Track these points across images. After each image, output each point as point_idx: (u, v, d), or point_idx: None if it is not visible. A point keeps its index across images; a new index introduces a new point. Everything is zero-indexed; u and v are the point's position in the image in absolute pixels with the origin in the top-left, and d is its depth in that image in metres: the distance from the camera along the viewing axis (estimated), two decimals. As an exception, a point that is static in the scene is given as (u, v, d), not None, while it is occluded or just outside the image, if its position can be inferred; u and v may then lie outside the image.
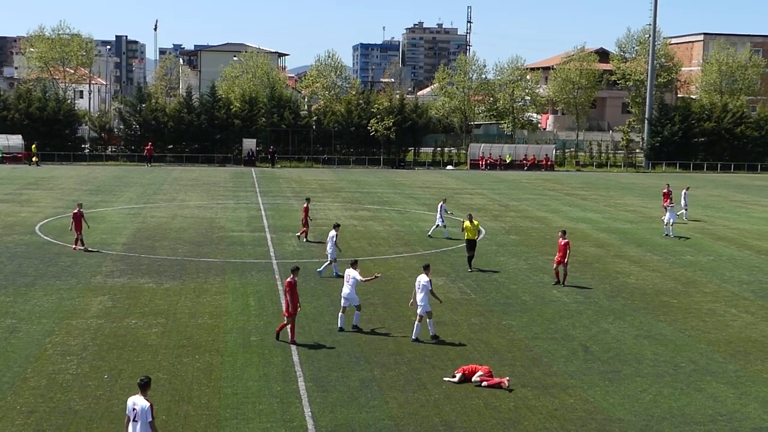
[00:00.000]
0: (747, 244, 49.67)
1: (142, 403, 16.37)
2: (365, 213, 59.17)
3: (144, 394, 16.52)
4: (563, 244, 35.90)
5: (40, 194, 66.26)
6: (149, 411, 16.31)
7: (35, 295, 32.18)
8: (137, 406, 16.39)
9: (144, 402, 16.38)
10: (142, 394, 16.53)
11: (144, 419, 16.31)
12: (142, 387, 16.62)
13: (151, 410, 16.33)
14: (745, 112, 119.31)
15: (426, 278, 27.42)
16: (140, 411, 16.33)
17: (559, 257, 36.16)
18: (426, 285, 27.22)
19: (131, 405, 16.49)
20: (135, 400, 16.49)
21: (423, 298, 27.22)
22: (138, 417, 16.35)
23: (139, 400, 16.44)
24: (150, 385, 16.82)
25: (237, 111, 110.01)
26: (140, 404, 16.37)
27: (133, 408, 16.43)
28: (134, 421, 16.40)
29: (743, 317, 31.80)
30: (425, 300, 27.20)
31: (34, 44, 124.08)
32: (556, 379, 23.89)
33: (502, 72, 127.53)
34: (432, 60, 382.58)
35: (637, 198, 74.98)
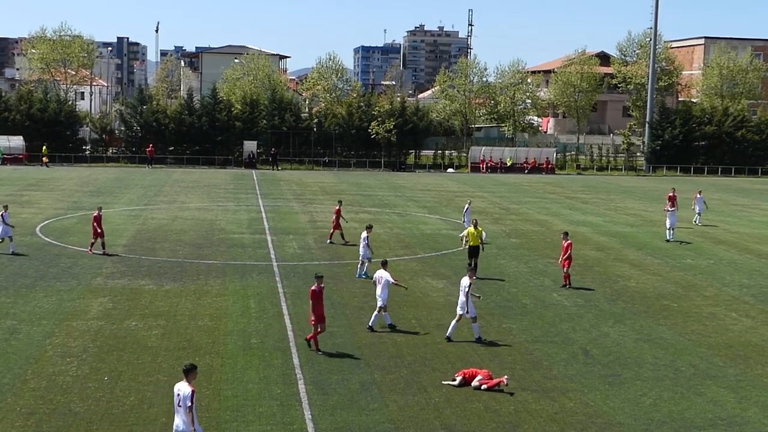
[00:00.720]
0: (747, 247, 49.67)
1: (185, 390, 16.94)
2: (366, 216, 59.16)
3: (188, 380, 17.08)
4: (566, 245, 36.19)
5: (41, 195, 66.28)
6: (189, 396, 16.83)
7: (36, 296, 32.19)
8: (181, 392, 17.01)
9: (187, 388, 16.93)
10: (186, 380, 17.11)
11: (185, 404, 16.90)
12: (186, 373, 17.18)
13: (191, 396, 16.84)
14: (745, 116, 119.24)
15: (468, 281, 27.67)
16: (183, 397, 16.93)
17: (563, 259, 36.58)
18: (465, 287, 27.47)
19: (176, 391, 17.14)
20: (179, 387, 17.11)
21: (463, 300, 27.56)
22: (181, 402, 16.98)
23: (183, 387, 17.04)
24: (194, 371, 17.31)
25: (238, 113, 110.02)
26: (184, 390, 16.96)
27: (178, 394, 17.07)
28: (179, 406, 17.04)
29: (743, 321, 31.81)
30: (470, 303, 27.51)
31: (36, 45, 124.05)
32: (556, 383, 23.89)
33: (503, 75, 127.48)
34: (433, 63, 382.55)
35: (638, 201, 74.99)
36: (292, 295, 33.47)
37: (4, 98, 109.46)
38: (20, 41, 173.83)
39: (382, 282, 28.85)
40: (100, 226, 41.29)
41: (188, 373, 17.19)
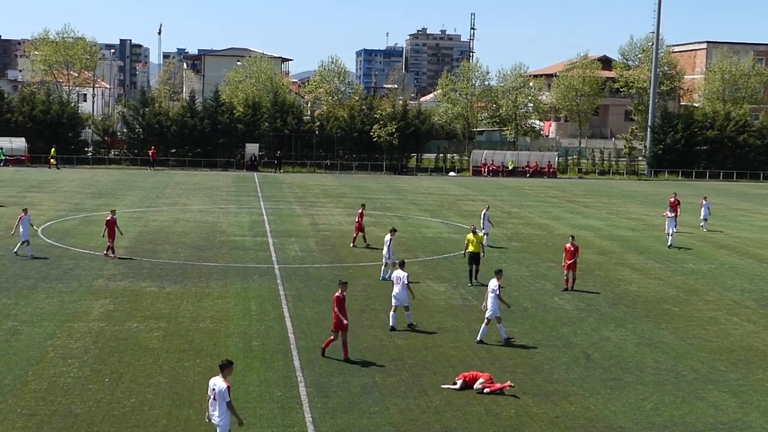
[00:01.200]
0: (749, 252, 49.65)
1: (220, 385, 17.35)
2: (367, 219, 58.90)
3: (223, 376, 17.51)
4: (573, 249, 36.56)
5: (43, 197, 66.31)
6: (226, 392, 17.30)
7: (37, 297, 32.20)
8: (216, 386, 17.40)
9: (222, 383, 17.36)
10: (222, 375, 17.53)
11: (221, 399, 17.33)
12: (222, 368, 17.64)
13: (227, 391, 17.33)
14: (747, 121, 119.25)
15: (496, 283, 27.95)
16: (218, 392, 17.36)
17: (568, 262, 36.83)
18: (495, 290, 27.76)
19: (212, 385, 17.55)
20: (215, 381, 17.53)
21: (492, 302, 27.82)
22: (216, 397, 17.37)
23: (218, 381, 17.45)
24: (230, 367, 17.84)
25: (240, 116, 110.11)
26: (219, 385, 17.36)
27: (213, 388, 17.47)
28: (213, 400, 17.45)
29: (745, 326, 31.78)
30: (495, 305, 27.79)
31: (39, 47, 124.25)
32: (558, 387, 23.88)
33: (505, 79, 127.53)
34: (435, 66, 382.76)
35: (640, 206, 74.96)
36: (293, 298, 33.46)
37: (6, 100, 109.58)
38: (23, 43, 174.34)
39: (401, 282, 29.27)
40: (112, 229, 41.13)
41: (224, 368, 17.68)
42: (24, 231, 40.60)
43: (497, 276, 28.39)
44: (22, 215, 41.25)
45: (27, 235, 40.74)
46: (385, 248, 37.93)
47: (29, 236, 40.96)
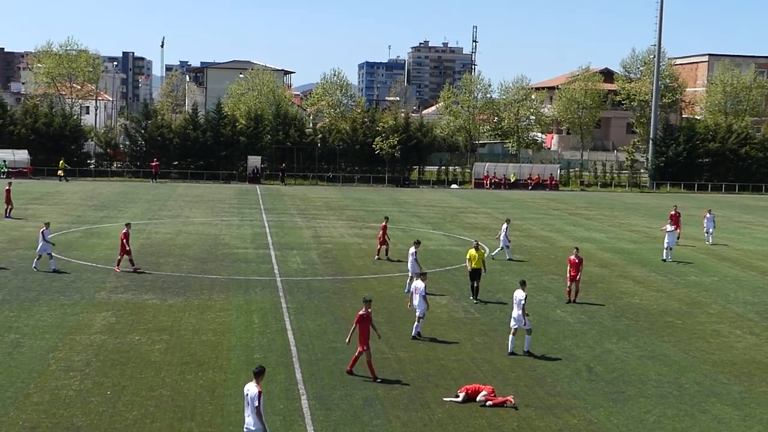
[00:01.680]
0: (751, 264, 49.61)
1: (253, 391, 17.97)
2: (369, 231, 59.13)
3: (257, 382, 18.10)
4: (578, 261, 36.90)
5: (45, 209, 66.35)
6: (256, 397, 17.87)
7: (39, 310, 32.19)
8: (250, 392, 18.04)
9: (254, 389, 17.94)
10: (255, 381, 18.12)
11: (252, 404, 17.93)
12: (256, 375, 18.25)
13: (258, 397, 17.89)
14: (749, 133, 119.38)
15: (522, 293, 28.30)
16: (251, 397, 17.98)
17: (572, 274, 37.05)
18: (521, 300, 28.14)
19: (246, 391, 18.20)
20: (249, 387, 18.16)
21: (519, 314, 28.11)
22: (249, 402, 18.00)
23: (251, 387, 18.09)
24: (263, 374, 18.42)
25: (242, 128, 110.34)
26: (252, 391, 17.98)
27: (247, 393, 18.14)
28: (247, 405, 18.10)
29: (748, 338, 31.73)
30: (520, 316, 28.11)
31: (42, 60, 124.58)
32: (560, 399, 23.84)
33: (507, 91, 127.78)
34: (437, 79, 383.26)
35: (642, 218, 74.93)
36: (295, 311, 33.44)
37: (9, 112, 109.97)
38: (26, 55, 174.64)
39: (418, 292, 29.75)
40: (128, 242, 41.10)
41: (258, 375, 18.26)
42: (41, 245, 40.36)
43: (522, 286, 28.77)
44: (43, 228, 40.97)
45: (44, 249, 40.43)
46: (410, 261, 38.04)
47: (44, 252, 40.54)
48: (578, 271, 37.00)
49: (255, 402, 17.86)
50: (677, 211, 57.01)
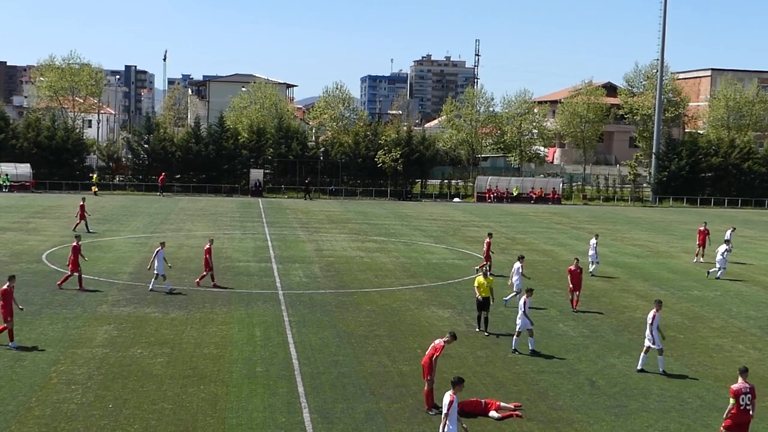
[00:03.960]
0: (754, 279, 49.55)
1: (446, 399, 19.04)
2: (372, 245, 59.15)
3: (454, 391, 19.13)
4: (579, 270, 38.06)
5: (47, 223, 66.39)
6: (447, 405, 18.89)
7: (41, 323, 32.19)
8: (445, 399, 19.10)
9: (447, 397, 19.01)
10: (453, 390, 19.15)
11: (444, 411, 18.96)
12: (453, 385, 19.31)
13: (448, 405, 18.85)
14: (752, 148, 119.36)
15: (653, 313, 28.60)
16: (445, 403, 18.99)
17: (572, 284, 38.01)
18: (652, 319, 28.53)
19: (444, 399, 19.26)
20: (446, 396, 19.18)
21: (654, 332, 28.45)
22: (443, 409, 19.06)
23: (446, 396, 19.12)
24: (460, 384, 19.48)
25: (245, 141, 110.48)
26: (445, 399, 19.07)
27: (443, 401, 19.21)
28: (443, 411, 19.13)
29: (750, 353, 31.68)
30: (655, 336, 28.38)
31: (44, 73, 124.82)
32: (562, 414, 23.80)
33: (510, 105, 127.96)
34: (440, 92, 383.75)
35: (644, 232, 74.88)
36: (297, 324, 33.43)
37: (12, 126, 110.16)
38: (29, 69, 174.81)
39: (522, 308, 30.15)
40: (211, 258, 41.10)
41: (455, 385, 19.33)
42: (159, 265, 39.20)
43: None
44: (159, 249, 39.96)
45: (162, 269, 39.36)
46: (514, 276, 38.59)
47: (164, 270, 39.64)
48: (579, 281, 37.93)
49: (445, 409, 18.82)
50: (706, 227, 57.03)
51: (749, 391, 20.82)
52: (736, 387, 20.87)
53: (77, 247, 40.39)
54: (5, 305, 28.77)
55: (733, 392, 20.80)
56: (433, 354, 23.67)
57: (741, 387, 20.86)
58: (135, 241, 57.12)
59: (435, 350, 23.70)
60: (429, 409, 23.44)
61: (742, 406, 20.71)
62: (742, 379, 21.14)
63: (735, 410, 20.71)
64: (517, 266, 38.78)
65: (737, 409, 20.73)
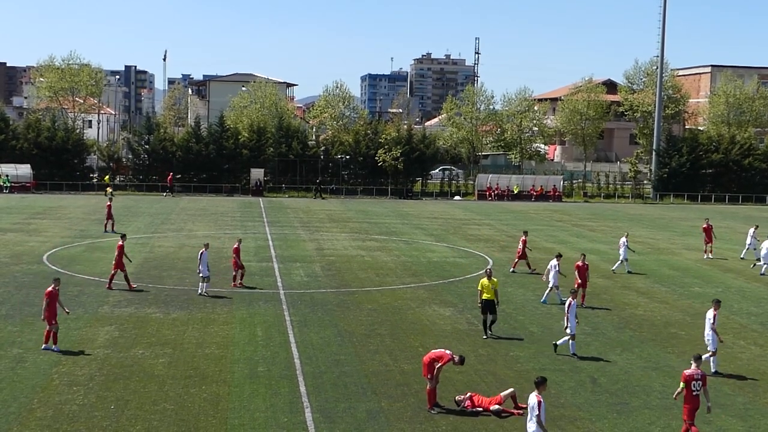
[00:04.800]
0: (755, 276, 49.52)
1: (533, 400, 18.97)
2: (373, 243, 59.16)
3: (538, 391, 19.15)
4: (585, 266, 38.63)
5: (48, 224, 66.41)
6: (536, 406, 18.85)
7: (43, 325, 32.05)
8: (530, 401, 19.07)
9: (534, 399, 18.95)
10: (537, 390, 19.17)
11: (531, 413, 18.93)
12: (537, 385, 19.38)
13: (537, 406, 18.82)
14: (752, 144, 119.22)
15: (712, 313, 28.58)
16: (531, 406, 18.99)
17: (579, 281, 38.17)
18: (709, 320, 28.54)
19: (528, 400, 19.26)
20: (531, 396, 19.15)
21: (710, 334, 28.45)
22: (530, 411, 19.06)
23: (532, 397, 19.09)
24: (544, 384, 19.51)
25: (245, 141, 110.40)
26: (532, 400, 19.00)
27: (529, 403, 19.21)
28: (528, 414, 19.21)
29: (752, 349, 31.68)
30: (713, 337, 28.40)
31: (44, 74, 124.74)
32: (564, 411, 23.80)
33: (510, 103, 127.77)
34: (440, 90, 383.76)
35: (645, 229, 74.85)
36: (298, 323, 33.43)
37: (12, 126, 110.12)
38: (29, 70, 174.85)
39: (570, 311, 29.61)
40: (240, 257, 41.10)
41: (539, 385, 19.39)
42: (203, 267, 38.51)
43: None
44: (202, 250, 39.26)
45: (207, 271, 38.74)
46: (551, 273, 38.64)
47: (209, 273, 39.08)
48: (585, 278, 38.31)
49: (535, 410, 18.76)
50: (709, 223, 57.07)
51: (701, 378, 21.56)
52: (689, 373, 21.61)
53: (122, 246, 40.69)
54: (50, 307, 28.67)
55: (684, 377, 21.59)
56: (437, 358, 23.75)
57: (693, 373, 21.60)
58: (136, 241, 57.10)
59: (440, 359, 23.76)
60: (431, 408, 23.45)
61: (694, 391, 21.44)
62: (695, 366, 21.86)
63: (687, 395, 21.47)
64: (553, 263, 38.93)
65: (689, 394, 21.45)
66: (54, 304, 28.90)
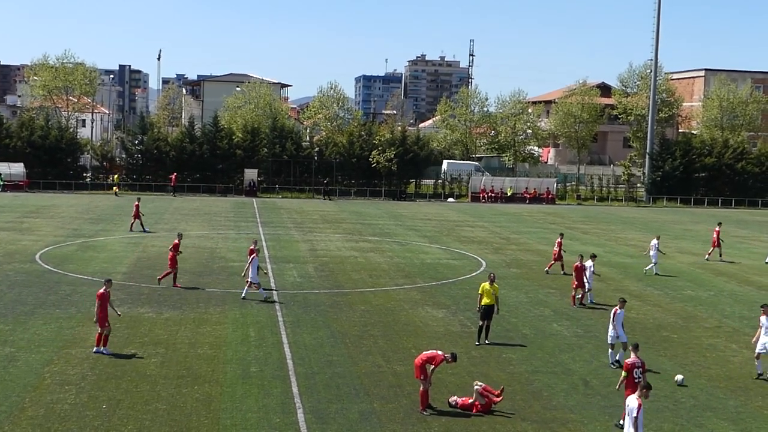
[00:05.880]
0: (748, 279, 49.64)
1: (632, 403, 18.99)
2: (366, 244, 59.15)
3: (641, 394, 19.09)
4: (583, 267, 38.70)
5: (41, 222, 66.29)
6: (635, 409, 18.85)
7: (35, 323, 32.13)
8: (629, 405, 19.14)
9: (635, 402, 18.97)
10: (639, 393, 19.14)
11: (630, 415, 18.97)
12: (642, 388, 19.32)
13: (636, 409, 18.81)
14: (745, 148, 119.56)
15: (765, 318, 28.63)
16: (630, 408, 19.06)
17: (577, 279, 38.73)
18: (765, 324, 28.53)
19: (627, 402, 19.42)
20: (629, 400, 19.29)
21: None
22: (628, 413, 19.11)
23: (631, 400, 19.16)
24: (649, 389, 19.32)
25: (239, 141, 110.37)
26: (631, 404, 19.03)
27: (628, 405, 19.30)
28: (627, 416, 19.24)
29: (744, 353, 31.71)
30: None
31: (38, 73, 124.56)
32: (556, 414, 23.81)
33: (504, 105, 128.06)
34: (434, 92, 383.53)
35: (638, 232, 74.93)
36: (291, 324, 33.41)
37: (5, 125, 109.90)
38: (22, 68, 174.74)
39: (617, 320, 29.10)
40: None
41: (644, 389, 19.27)
42: (253, 273, 37.78)
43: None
44: (253, 255, 38.44)
45: (256, 277, 37.99)
46: (587, 273, 39.22)
47: (258, 279, 38.33)
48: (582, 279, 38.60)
49: (633, 413, 18.79)
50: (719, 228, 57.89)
51: (641, 365, 22.71)
52: (630, 361, 22.74)
53: (177, 245, 40.96)
54: (102, 310, 28.55)
55: (627, 366, 22.67)
56: (429, 360, 23.76)
57: (634, 361, 22.70)
58: (129, 241, 57.04)
59: (433, 361, 23.77)
60: (423, 409, 23.44)
61: (636, 378, 22.29)
62: (634, 355, 22.97)
63: (629, 382, 22.35)
64: (588, 264, 39.40)
65: (631, 381, 22.30)
66: (105, 306, 28.65)
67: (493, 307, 31.53)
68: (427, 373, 23.61)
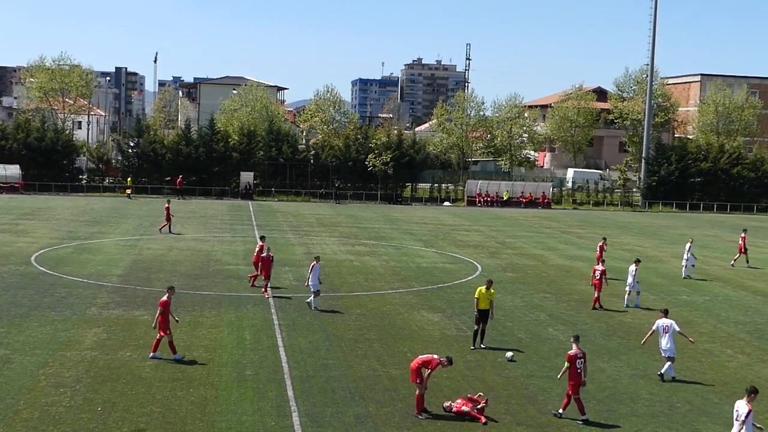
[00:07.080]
0: (743, 284, 49.67)
1: (743, 408, 18.88)
2: (362, 248, 59.13)
3: (749, 399, 18.99)
4: None
5: (36, 225, 66.21)
6: (744, 414, 18.77)
7: (30, 326, 32.07)
8: (739, 409, 18.95)
9: (745, 407, 18.85)
10: (747, 399, 19.02)
11: (740, 419, 18.82)
12: (749, 393, 19.13)
13: (746, 414, 18.73)
14: (741, 153, 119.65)
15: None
16: (740, 413, 18.88)
17: None
18: None
19: (736, 407, 19.11)
20: (738, 404, 19.10)
21: None
22: (737, 417, 18.93)
23: (741, 405, 19.00)
24: (756, 393, 19.27)
25: (235, 144, 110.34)
26: (741, 408, 18.91)
27: (737, 410, 19.06)
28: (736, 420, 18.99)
29: (739, 358, 31.74)
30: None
31: (34, 74, 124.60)
32: (551, 418, 23.81)
33: (500, 109, 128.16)
34: (430, 96, 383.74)
35: (634, 237, 74.99)
36: (287, 327, 33.38)
37: (1, 127, 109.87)
38: (19, 70, 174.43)
39: (669, 331, 28.63)
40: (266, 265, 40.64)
41: (750, 393, 19.10)
42: (314, 281, 37.24)
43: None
44: (314, 263, 37.85)
45: (317, 285, 37.29)
46: (630, 277, 40.33)
47: (318, 287, 37.70)
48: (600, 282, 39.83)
49: (742, 417, 18.70)
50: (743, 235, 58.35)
51: (582, 356, 23.72)
52: (572, 353, 23.69)
53: (262, 247, 41.12)
54: (163, 317, 28.45)
55: (569, 357, 23.67)
56: (425, 364, 23.74)
57: (576, 352, 23.68)
58: (125, 243, 57.00)
59: (429, 365, 23.74)
60: (419, 413, 23.42)
61: (579, 369, 23.49)
62: (576, 346, 23.95)
63: (572, 373, 23.47)
64: (632, 268, 40.44)
65: (573, 372, 23.46)
66: (167, 313, 28.54)
67: (488, 311, 31.44)
68: (423, 377, 23.60)
